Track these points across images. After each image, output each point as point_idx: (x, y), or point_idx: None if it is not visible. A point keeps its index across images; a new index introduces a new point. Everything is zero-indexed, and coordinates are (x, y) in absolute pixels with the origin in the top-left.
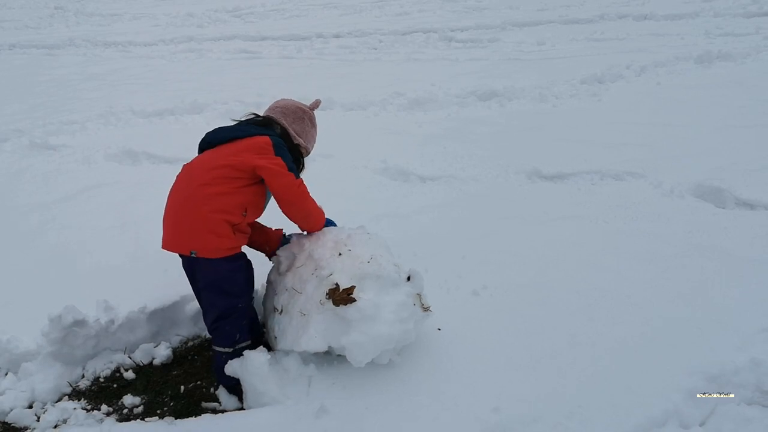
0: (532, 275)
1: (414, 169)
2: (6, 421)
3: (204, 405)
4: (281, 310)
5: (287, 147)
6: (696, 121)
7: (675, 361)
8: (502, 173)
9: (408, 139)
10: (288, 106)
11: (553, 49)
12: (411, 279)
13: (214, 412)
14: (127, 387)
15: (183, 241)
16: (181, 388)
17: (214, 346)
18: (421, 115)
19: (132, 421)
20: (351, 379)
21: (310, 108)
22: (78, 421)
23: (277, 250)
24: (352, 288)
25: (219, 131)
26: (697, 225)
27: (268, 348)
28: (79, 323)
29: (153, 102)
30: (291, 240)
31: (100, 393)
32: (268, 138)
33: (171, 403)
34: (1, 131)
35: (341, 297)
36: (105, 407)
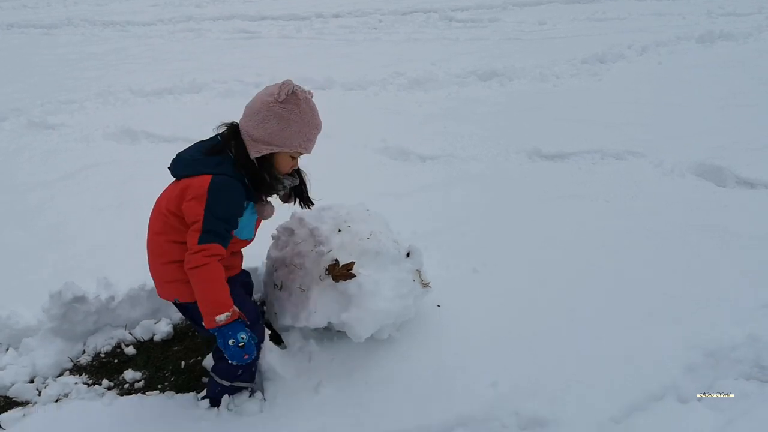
0: (532, 253)
1: (414, 149)
2: (7, 395)
3: (204, 380)
4: (281, 286)
5: (248, 172)
6: (697, 100)
7: (674, 337)
8: (502, 153)
9: (408, 118)
10: (253, 105)
11: (554, 29)
12: (410, 255)
13: None
14: (128, 362)
15: (162, 291)
16: (182, 363)
17: (212, 372)
18: (421, 94)
19: (133, 395)
20: (350, 355)
21: (280, 96)
22: (79, 395)
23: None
24: (352, 264)
25: (177, 163)
26: (697, 203)
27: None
28: (79, 299)
29: (151, 81)
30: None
31: (101, 368)
32: (209, 178)
33: (172, 378)
34: None
35: (341, 272)
36: (106, 382)
